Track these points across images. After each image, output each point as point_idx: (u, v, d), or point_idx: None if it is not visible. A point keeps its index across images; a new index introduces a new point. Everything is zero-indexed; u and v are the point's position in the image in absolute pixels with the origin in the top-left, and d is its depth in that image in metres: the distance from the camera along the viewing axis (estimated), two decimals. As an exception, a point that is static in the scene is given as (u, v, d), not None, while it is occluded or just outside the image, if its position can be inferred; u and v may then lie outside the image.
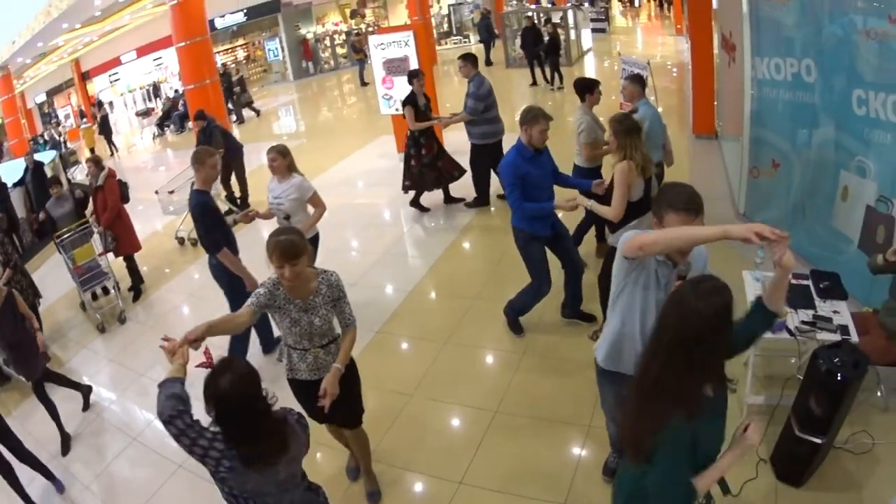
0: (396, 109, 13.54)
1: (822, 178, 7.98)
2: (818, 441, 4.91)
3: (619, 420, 4.37)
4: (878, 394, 5.91)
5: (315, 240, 7.47)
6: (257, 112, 25.58)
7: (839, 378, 4.69)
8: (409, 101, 10.80)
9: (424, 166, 11.09)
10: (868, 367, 4.92)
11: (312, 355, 4.78)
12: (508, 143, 7.43)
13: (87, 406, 7.63)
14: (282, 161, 7.24)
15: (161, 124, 27.24)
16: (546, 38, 21.49)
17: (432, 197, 11.76)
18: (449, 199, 11.73)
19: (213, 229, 6.88)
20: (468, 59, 10.74)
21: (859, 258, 6.79)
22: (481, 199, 11.29)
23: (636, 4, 50.78)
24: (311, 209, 7.37)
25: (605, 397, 4.98)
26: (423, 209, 11.58)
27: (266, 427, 3.37)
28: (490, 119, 10.36)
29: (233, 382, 3.25)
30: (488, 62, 27.28)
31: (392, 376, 7.12)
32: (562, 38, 23.64)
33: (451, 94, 20.07)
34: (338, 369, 4.55)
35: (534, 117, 6.47)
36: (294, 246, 4.30)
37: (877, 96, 6.72)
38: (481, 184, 11.18)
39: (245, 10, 32.38)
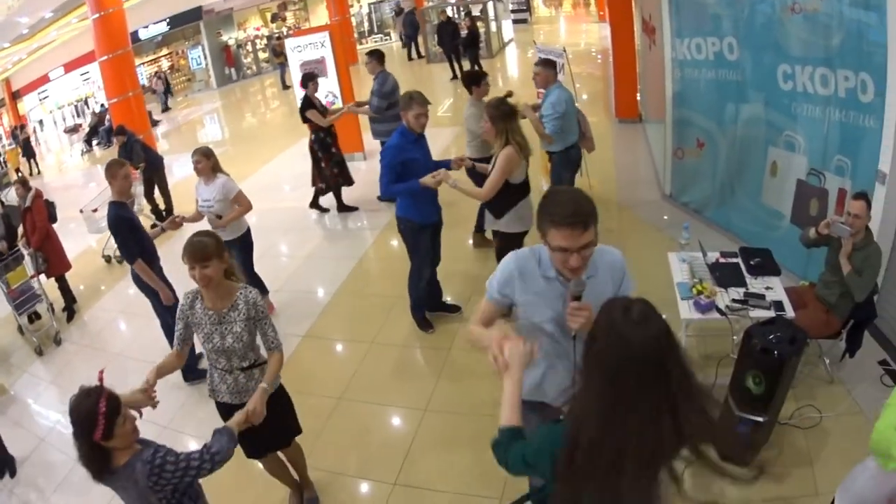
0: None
1: (749, 155, 7.82)
2: (759, 419, 4.71)
3: None
4: (823, 367, 5.78)
5: (247, 238, 7.49)
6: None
7: (776, 355, 4.51)
8: (309, 104, 10.41)
9: (336, 164, 10.78)
10: (806, 342, 4.79)
11: (233, 378, 4.45)
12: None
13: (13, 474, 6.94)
14: (206, 163, 7.16)
15: (89, 140, 26.09)
16: (464, 32, 21.15)
17: (332, 199, 11.39)
18: (343, 208, 11.31)
19: (129, 240, 6.65)
20: (374, 55, 10.39)
21: (793, 233, 6.62)
22: None
23: None
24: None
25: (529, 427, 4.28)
26: (351, 208, 11.20)
27: (89, 455, 3.32)
28: (395, 116, 9.64)
29: (74, 410, 3.28)
30: (410, 57, 26.90)
31: (321, 380, 6.85)
32: (482, 30, 23.42)
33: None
34: (264, 389, 4.21)
35: (407, 102, 6.27)
36: (203, 248, 4.11)
37: (803, 70, 6.55)
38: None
39: (168, 20, 31.48)
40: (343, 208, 11.18)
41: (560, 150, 8.15)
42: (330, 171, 10.77)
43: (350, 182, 11.08)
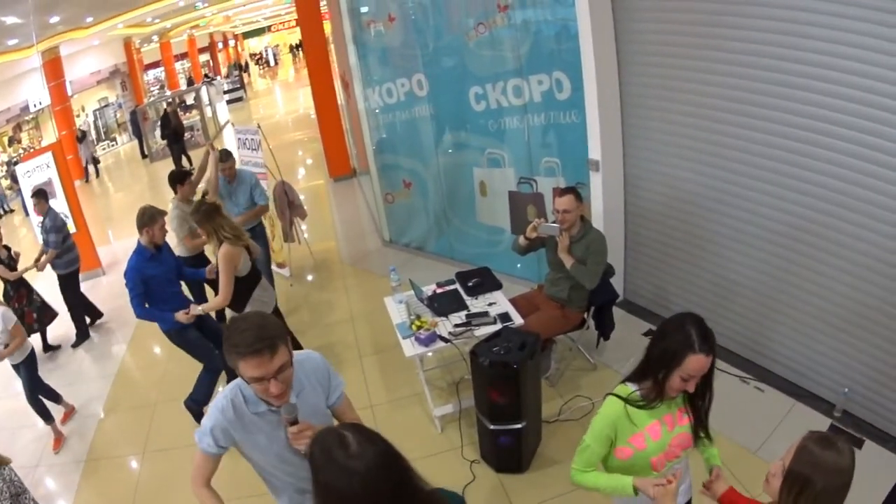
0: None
1: (456, 182, 7.33)
2: (518, 426, 4.39)
3: None
4: (583, 358, 5.58)
5: (32, 359, 6.45)
6: None
7: (507, 364, 4.21)
8: None
9: (37, 308, 8.62)
10: (553, 341, 4.75)
11: None
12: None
13: None
14: None
15: None
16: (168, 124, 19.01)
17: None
18: (49, 347, 8.98)
19: None
20: (40, 195, 8.89)
21: (517, 243, 6.18)
22: (85, 332, 9.08)
23: (273, 64, 47.05)
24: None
25: None
26: (55, 347, 8.92)
27: None
28: (71, 246, 8.73)
29: None
30: (144, 155, 23.22)
31: (110, 501, 5.73)
32: (197, 118, 21.76)
33: (107, 205, 17.73)
34: None
35: (151, 217, 5.58)
36: None
37: (494, 87, 6.18)
38: (80, 313, 9.08)
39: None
40: (48, 348, 8.92)
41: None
42: (24, 311, 8.82)
43: (54, 315, 8.88)
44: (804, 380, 4.86)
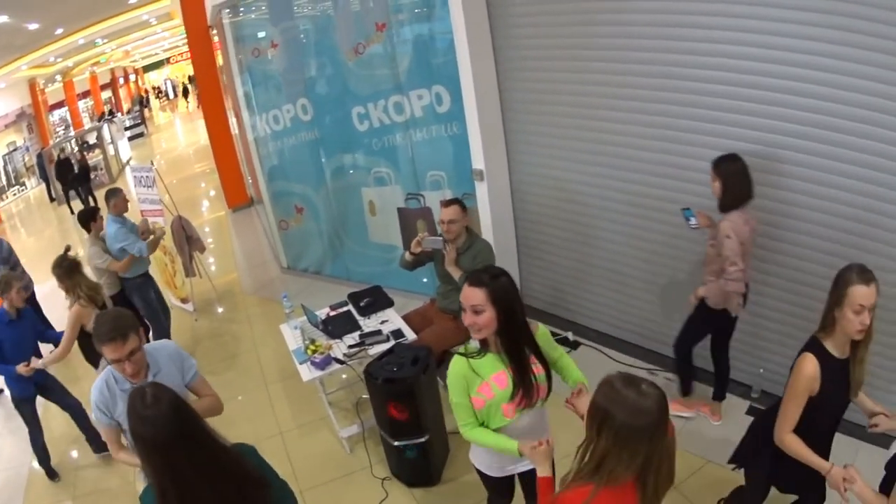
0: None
1: (346, 204, 7.17)
2: (422, 440, 4.27)
3: None
4: None
5: None
6: None
7: (408, 380, 4.13)
8: None
9: None
10: (432, 356, 4.46)
11: None
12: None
13: None
14: None
15: None
16: (77, 167, 17.90)
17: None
18: None
19: None
20: None
21: (411, 259, 5.96)
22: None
23: (173, 96, 44.66)
24: None
25: None
26: None
27: None
28: (20, 275, 8.14)
29: None
30: (52, 198, 21.85)
31: None
32: (100, 157, 20.54)
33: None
34: None
35: (7, 284, 5.47)
36: None
37: (376, 106, 6.04)
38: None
39: None
40: None
41: (133, 276, 6.85)
42: None
43: None
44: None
